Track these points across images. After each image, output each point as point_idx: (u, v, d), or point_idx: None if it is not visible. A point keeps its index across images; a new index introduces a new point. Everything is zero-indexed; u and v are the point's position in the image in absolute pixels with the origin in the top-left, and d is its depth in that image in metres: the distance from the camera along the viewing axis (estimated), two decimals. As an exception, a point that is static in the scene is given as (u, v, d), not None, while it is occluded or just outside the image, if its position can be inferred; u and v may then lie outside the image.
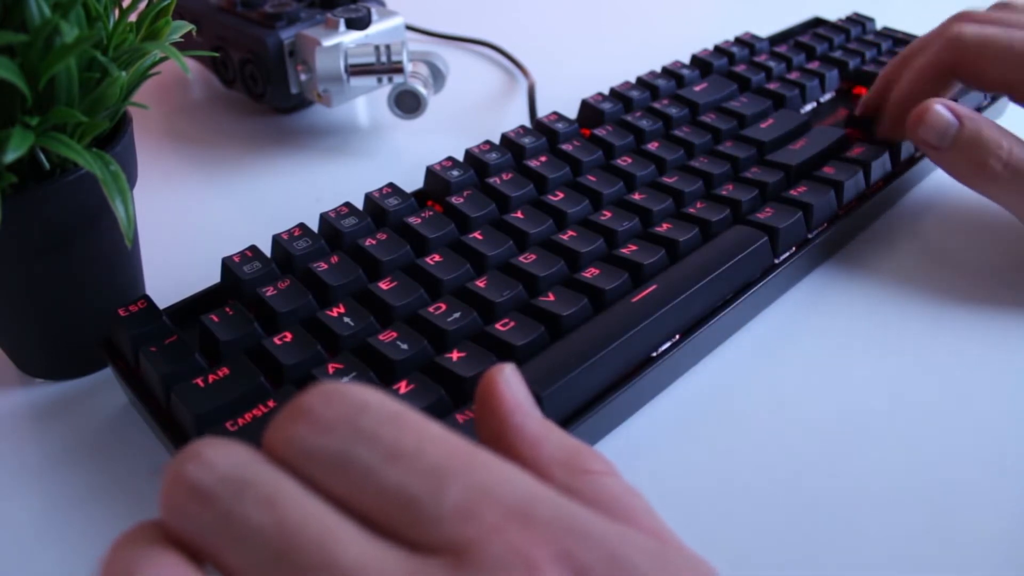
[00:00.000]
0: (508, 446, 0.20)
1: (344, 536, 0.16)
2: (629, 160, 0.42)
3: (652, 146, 0.43)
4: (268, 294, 0.32)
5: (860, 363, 0.35)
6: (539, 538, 0.16)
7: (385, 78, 0.47)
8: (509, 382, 0.20)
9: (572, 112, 0.48)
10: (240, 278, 0.33)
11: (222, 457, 0.16)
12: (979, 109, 0.49)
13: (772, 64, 0.51)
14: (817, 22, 0.60)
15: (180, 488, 0.16)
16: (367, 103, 0.56)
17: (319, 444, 0.17)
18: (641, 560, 0.16)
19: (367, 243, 0.35)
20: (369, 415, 0.17)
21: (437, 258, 0.34)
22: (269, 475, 0.16)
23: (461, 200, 0.38)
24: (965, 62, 0.40)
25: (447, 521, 0.16)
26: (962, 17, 0.42)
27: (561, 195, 0.39)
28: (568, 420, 0.29)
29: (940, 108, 0.38)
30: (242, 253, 0.34)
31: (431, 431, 0.17)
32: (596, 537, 0.16)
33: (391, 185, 0.39)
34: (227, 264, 0.34)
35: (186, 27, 0.31)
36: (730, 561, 0.27)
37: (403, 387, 0.28)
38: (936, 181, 0.47)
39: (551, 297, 0.32)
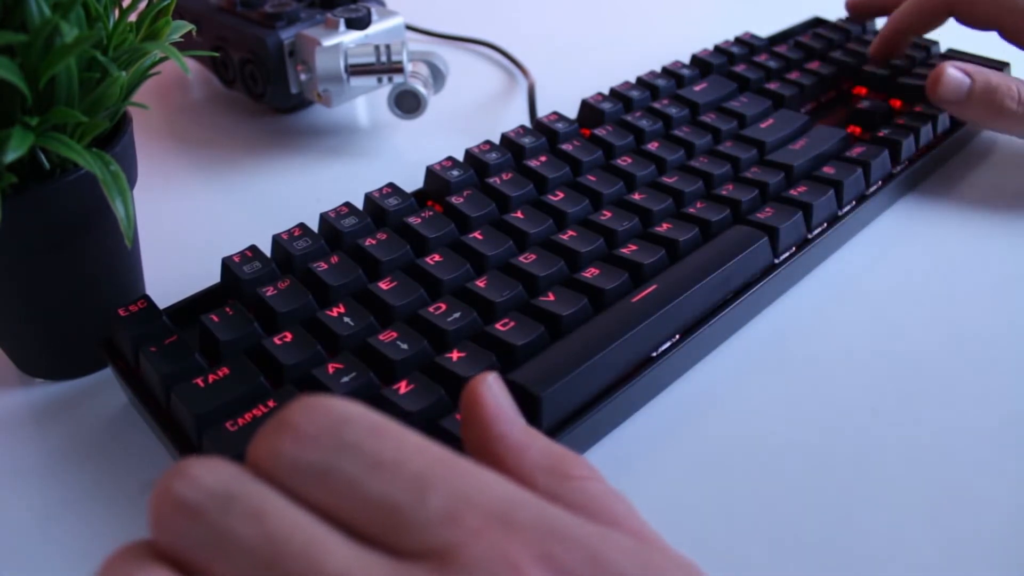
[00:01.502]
0: (492, 454, 0.20)
1: (330, 545, 0.16)
2: (629, 160, 0.42)
3: (652, 146, 0.43)
4: (268, 294, 0.32)
5: (859, 364, 0.35)
6: (521, 541, 0.16)
7: (385, 78, 0.47)
8: (492, 391, 0.21)
9: (572, 112, 0.48)
10: (240, 278, 0.33)
11: (208, 473, 0.17)
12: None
13: (772, 64, 0.51)
14: (817, 22, 0.60)
15: (168, 505, 0.16)
16: (367, 103, 0.56)
17: (303, 457, 0.17)
18: (622, 560, 0.17)
19: (367, 243, 0.35)
20: (351, 427, 0.17)
21: (437, 258, 0.34)
22: (255, 489, 0.17)
23: (461, 200, 0.38)
24: (960, 1, 0.46)
25: (430, 527, 0.16)
26: None
27: (561, 195, 0.39)
28: (568, 420, 0.29)
29: (952, 70, 0.44)
30: (242, 253, 0.34)
31: (412, 441, 0.18)
32: (577, 538, 0.17)
33: (391, 185, 0.39)
34: (227, 264, 0.34)
35: (186, 27, 0.31)
36: (729, 562, 0.27)
37: (403, 387, 0.28)
38: (937, 183, 0.47)
39: (551, 297, 0.32)
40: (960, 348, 0.35)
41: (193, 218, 0.45)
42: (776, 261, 0.37)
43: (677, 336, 0.33)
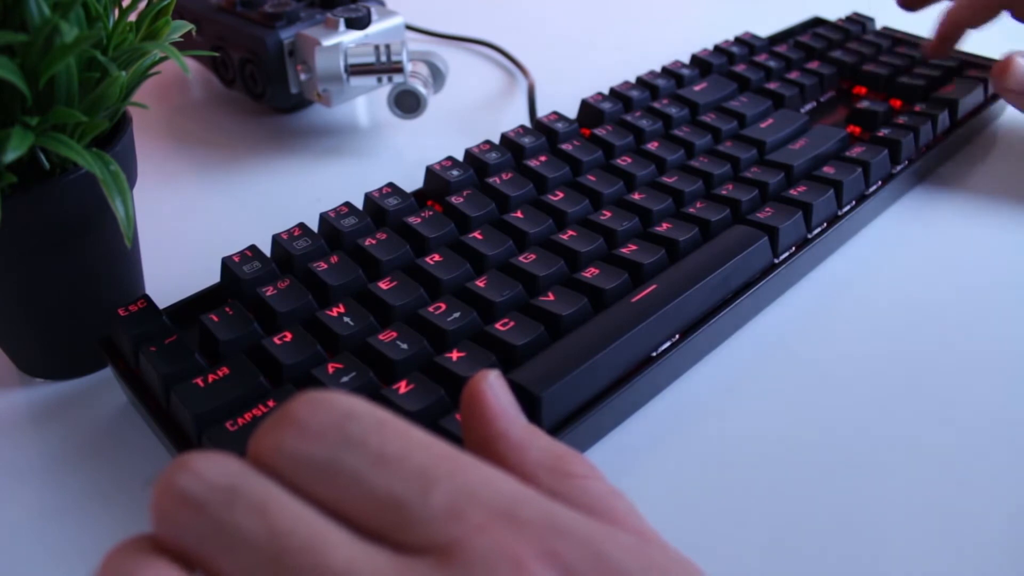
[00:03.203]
0: (493, 452, 0.20)
1: (333, 539, 0.16)
2: (629, 160, 0.42)
3: (652, 146, 0.43)
4: (268, 294, 0.32)
5: (860, 364, 0.35)
6: (524, 537, 0.16)
7: (385, 78, 0.47)
8: (494, 388, 0.21)
9: (572, 112, 0.48)
10: (240, 278, 0.33)
11: (211, 467, 0.17)
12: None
13: (772, 64, 0.51)
14: (817, 22, 0.60)
15: (170, 498, 0.16)
16: (367, 103, 0.56)
17: (308, 451, 0.17)
18: (624, 557, 0.17)
19: (367, 243, 0.35)
20: (356, 422, 0.17)
21: (437, 258, 0.34)
22: (258, 483, 0.16)
23: (461, 200, 0.38)
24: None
25: (434, 521, 0.16)
26: None
27: (561, 195, 0.39)
28: (568, 420, 0.29)
29: (1022, 60, 0.44)
30: (242, 253, 0.34)
31: (416, 436, 0.18)
32: (579, 536, 0.17)
33: (391, 185, 0.39)
34: (227, 264, 0.34)
35: (186, 27, 0.31)
36: (729, 562, 0.27)
37: (403, 387, 0.28)
38: (936, 183, 0.47)
39: (551, 297, 0.32)
40: (960, 349, 0.35)
41: (193, 218, 0.45)
42: (776, 261, 0.37)
43: (677, 336, 0.33)
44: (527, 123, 0.52)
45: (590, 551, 0.17)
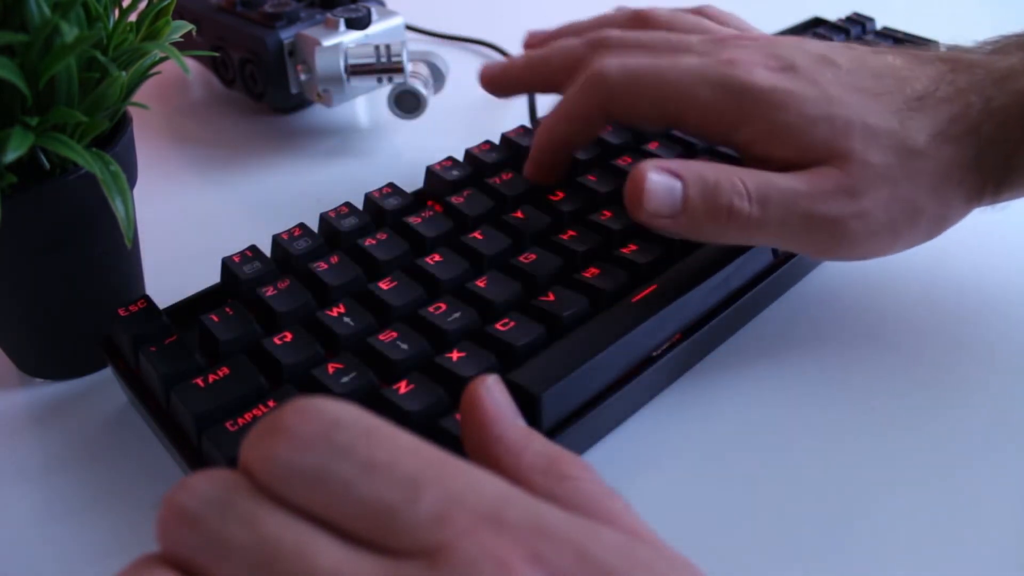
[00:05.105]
0: (490, 455, 0.20)
1: (320, 545, 0.17)
2: (629, 160, 0.42)
3: (652, 145, 0.43)
4: (268, 294, 0.32)
5: (860, 362, 0.35)
6: (511, 540, 0.17)
7: (385, 78, 0.47)
8: (491, 393, 0.21)
9: (572, 112, 0.48)
10: (240, 278, 0.33)
11: (207, 483, 0.17)
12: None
13: (772, 64, 0.51)
14: (817, 22, 0.60)
15: (171, 514, 0.17)
16: (367, 103, 0.56)
17: (298, 461, 0.17)
18: (610, 556, 0.17)
19: (367, 243, 0.35)
20: (344, 430, 0.18)
21: (437, 258, 0.34)
22: (249, 495, 0.17)
23: (461, 200, 0.38)
24: (615, 102, 0.34)
25: (422, 527, 0.17)
26: (600, 45, 0.37)
27: (561, 195, 0.38)
28: (568, 420, 0.29)
29: (655, 175, 0.30)
30: (242, 253, 0.34)
31: (404, 442, 0.18)
32: (565, 536, 0.17)
33: (391, 185, 0.39)
34: (227, 264, 0.34)
35: (186, 27, 0.31)
36: (728, 563, 0.27)
37: (403, 387, 0.28)
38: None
39: (551, 297, 0.32)
40: (963, 347, 0.35)
41: (193, 218, 0.45)
42: (776, 260, 0.37)
43: (677, 336, 0.33)
44: (527, 123, 0.52)
45: (575, 550, 0.17)
